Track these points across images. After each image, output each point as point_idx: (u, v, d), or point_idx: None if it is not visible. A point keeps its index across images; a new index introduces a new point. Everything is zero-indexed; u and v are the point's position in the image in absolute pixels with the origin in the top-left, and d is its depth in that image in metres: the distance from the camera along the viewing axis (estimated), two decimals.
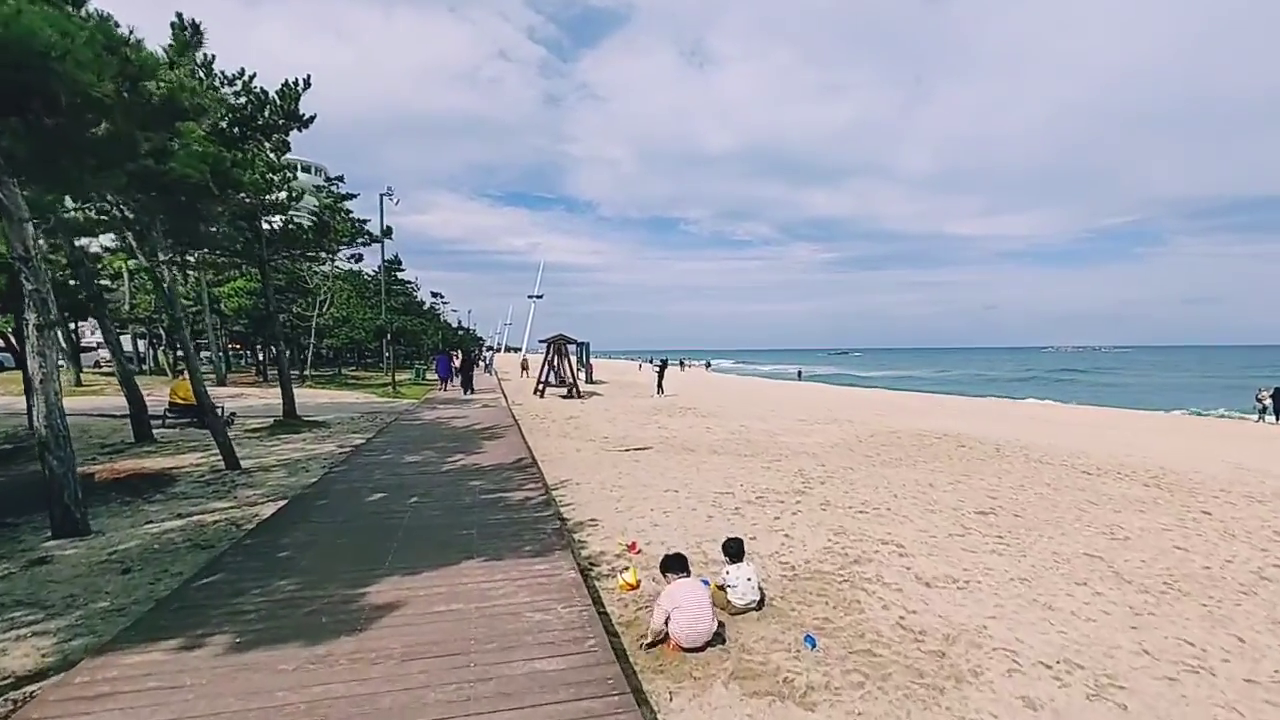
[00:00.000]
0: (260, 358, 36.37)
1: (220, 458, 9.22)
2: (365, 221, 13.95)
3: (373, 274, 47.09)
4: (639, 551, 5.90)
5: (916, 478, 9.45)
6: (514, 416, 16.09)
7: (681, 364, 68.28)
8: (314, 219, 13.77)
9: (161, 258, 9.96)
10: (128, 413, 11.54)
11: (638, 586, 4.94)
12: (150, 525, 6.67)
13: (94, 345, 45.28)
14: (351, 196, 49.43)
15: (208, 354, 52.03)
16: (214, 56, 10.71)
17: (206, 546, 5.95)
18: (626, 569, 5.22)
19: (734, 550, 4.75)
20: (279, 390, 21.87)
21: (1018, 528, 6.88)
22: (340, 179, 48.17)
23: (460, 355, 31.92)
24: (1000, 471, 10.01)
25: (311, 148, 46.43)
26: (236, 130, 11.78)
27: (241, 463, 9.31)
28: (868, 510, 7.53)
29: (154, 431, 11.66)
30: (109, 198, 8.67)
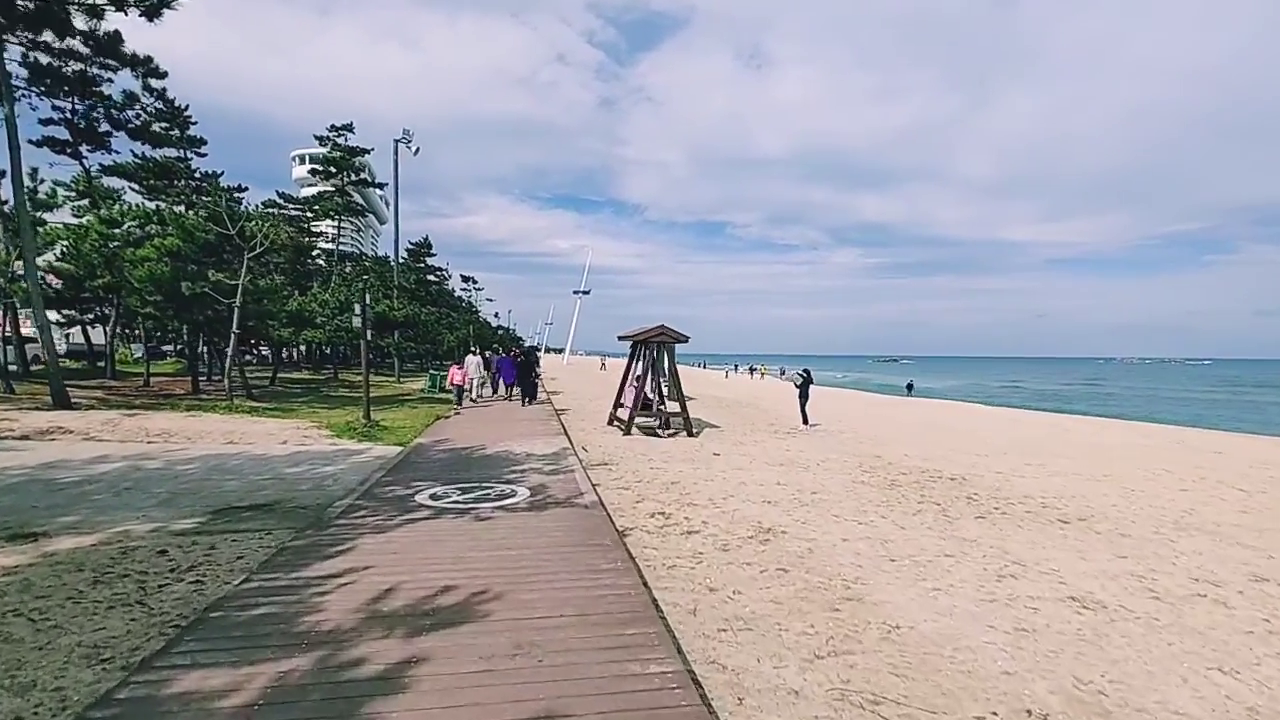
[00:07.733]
0: (210, 357, 26.35)
1: None
2: None
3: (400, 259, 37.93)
4: None
5: None
6: (635, 563, 5.93)
7: (752, 370, 57.58)
8: None
9: None
10: None
11: None
12: None
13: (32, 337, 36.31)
14: (365, 151, 40.12)
15: (169, 347, 41.94)
16: None
17: None
18: None
19: None
20: (191, 418, 10.68)
21: None
22: (349, 127, 38.52)
23: (516, 355, 22.19)
24: None
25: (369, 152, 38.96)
26: None
27: None
28: None
29: None
30: None
